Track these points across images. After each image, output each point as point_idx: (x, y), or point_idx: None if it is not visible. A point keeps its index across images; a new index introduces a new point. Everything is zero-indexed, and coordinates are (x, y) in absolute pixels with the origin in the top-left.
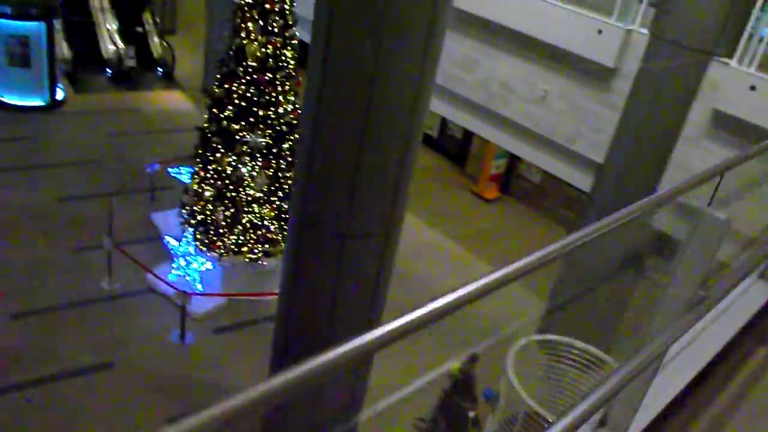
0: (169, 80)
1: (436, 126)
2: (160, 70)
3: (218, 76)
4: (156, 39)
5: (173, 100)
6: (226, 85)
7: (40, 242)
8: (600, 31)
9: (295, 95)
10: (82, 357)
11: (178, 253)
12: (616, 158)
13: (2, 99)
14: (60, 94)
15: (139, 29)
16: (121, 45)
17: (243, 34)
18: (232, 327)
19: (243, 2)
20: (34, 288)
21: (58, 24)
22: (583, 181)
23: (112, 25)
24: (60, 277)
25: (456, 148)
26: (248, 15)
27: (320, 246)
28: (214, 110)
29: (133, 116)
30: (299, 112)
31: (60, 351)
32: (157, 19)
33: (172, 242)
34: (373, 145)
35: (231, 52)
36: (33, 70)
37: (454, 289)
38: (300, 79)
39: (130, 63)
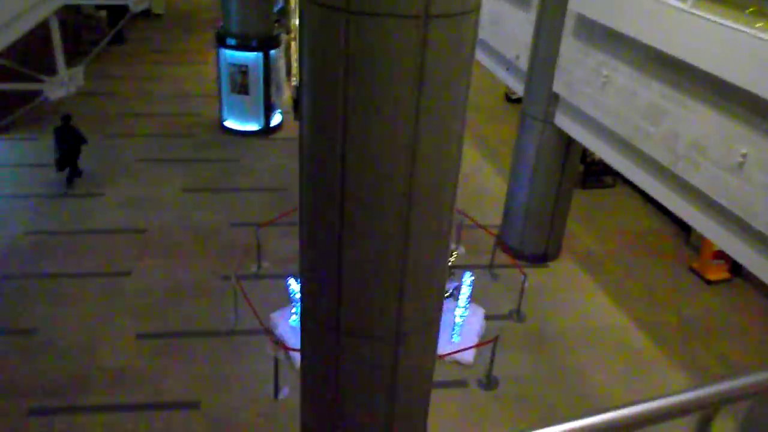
0: None
1: None
2: None
3: None
4: None
5: None
6: None
7: (196, 265)
8: None
9: None
10: (177, 390)
11: (294, 296)
12: None
13: (225, 123)
14: (277, 119)
15: None
16: None
17: None
18: None
19: None
20: (170, 310)
21: (294, 53)
22: None
23: None
24: (198, 303)
25: None
26: None
27: (318, 340)
28: None
29: None
30: None
31: (161, 379)
32: None
33: (293, 285)
34: (355, 239)
35: None
36: (251, 96)
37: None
38: None
39: None
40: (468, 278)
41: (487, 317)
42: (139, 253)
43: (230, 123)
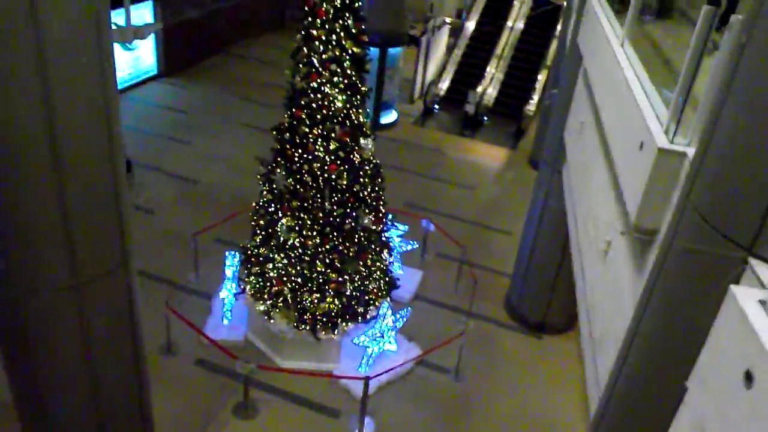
0: (516, 139)
1: None
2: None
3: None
4: (535, 97)
5: (491, 156)
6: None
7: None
8: (642, 145)
9: (341, 145)
10: None
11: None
12: None
13: None
14: (391, 118)
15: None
16: (480, 90)
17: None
18: (213, 367)
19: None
20: None
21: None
22: None
23: (499, 73)
24: None
25: None
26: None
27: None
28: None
29: (432, 157)
30: (341, 167)
31: None
32: (540, 77)
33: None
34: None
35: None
36: None
37: None
38: (349, 129)
39: (468, 109)
40: (386, 309)
41: (422, 363)
42: None
43: None
